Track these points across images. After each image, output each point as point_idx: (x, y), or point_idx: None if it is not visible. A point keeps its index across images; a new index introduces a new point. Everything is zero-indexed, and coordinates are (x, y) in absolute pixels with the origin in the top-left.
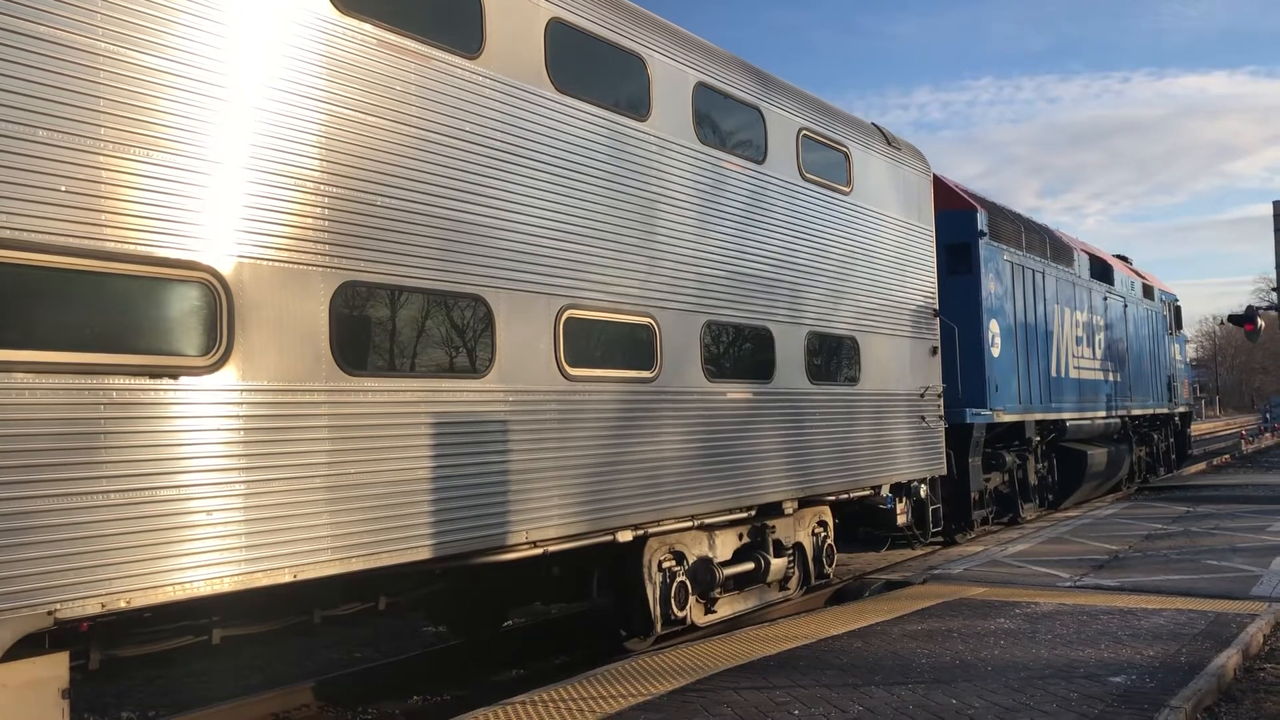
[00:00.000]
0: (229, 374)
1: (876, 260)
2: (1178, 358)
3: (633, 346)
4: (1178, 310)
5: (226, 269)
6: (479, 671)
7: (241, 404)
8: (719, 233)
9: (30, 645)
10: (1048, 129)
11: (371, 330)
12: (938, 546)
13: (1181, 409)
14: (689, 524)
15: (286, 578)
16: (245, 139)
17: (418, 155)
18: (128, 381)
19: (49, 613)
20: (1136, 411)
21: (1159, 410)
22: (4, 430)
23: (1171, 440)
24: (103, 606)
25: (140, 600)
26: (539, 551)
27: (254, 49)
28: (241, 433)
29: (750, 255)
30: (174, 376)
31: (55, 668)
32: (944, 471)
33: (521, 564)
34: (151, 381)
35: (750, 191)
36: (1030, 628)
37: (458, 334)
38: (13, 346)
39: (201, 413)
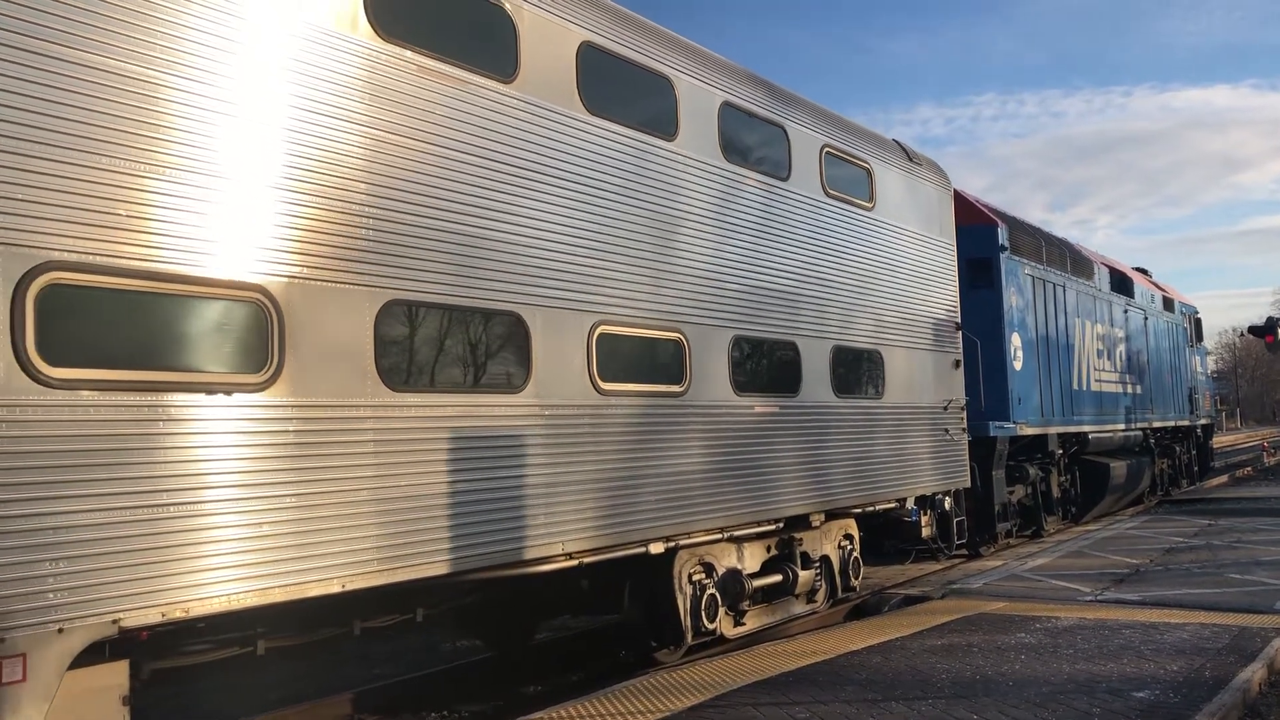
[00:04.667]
0: (279, 391)
1: (899, 275)
2: (1199, 370)
3: (663, 361)
4: (1198, 322)
5: (277, 289)
6: (500, 686)
7: (291, 419)
8: (745, 249)
9: (92, 654)
10: (1053, 143)
11: (413, 347)
12: (961, 559)
13: (1203, 421)
14: (718, 536)
15: (336, 588)
16: (294, 164)
17: (456, 177)
18: (185, 398)
19: (114, 621)
20: (1158, 424)
21: (1180, 422)
22: (73, 445)
23: (1193, 452)
24: (163, 615)
25: (198, 609)
26: (574, 563)
27: (301, 76)
28: (291, 447)
29: (776, 271)
30: (228, 393)
31: (117, 675)
32: (967, 484)
33: (553, 576)
34: (208, 398)
35: (775, 208)
36: (1051, 642)
37: (495, 350)
38: (79, 365)
39: (254, 428)
